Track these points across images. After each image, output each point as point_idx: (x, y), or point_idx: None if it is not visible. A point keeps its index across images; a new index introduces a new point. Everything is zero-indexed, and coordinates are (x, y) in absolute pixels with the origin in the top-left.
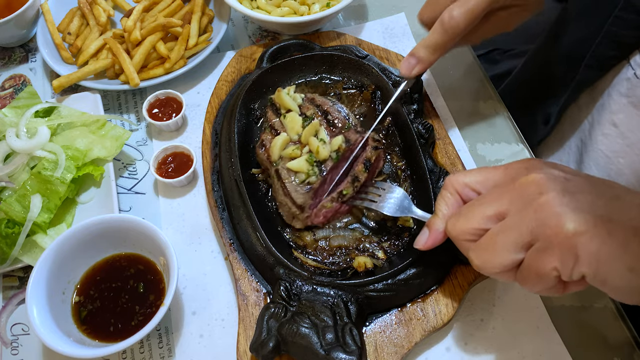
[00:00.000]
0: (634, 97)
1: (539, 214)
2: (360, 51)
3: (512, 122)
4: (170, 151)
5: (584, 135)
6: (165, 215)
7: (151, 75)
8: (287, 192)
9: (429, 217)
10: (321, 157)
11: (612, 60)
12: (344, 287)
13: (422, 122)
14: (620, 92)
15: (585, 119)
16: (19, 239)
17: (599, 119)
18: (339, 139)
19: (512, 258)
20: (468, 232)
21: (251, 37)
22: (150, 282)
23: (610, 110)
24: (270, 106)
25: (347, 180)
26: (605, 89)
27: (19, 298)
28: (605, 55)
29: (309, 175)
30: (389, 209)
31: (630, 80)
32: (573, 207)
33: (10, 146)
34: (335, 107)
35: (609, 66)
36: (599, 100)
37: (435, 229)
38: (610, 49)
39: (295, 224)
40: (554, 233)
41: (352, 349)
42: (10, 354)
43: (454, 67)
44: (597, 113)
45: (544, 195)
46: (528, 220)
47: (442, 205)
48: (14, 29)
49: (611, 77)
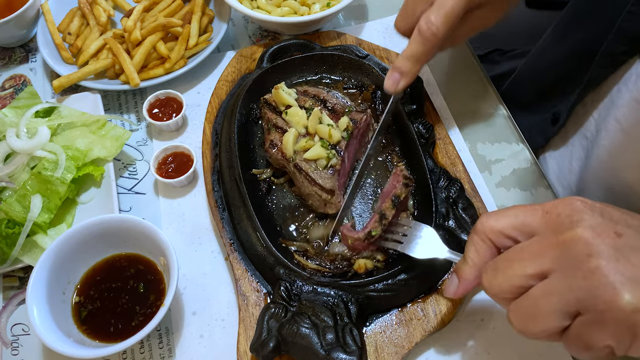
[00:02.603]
0: (638, 92)
1: (589, 282)
2: (360, 51)
3: (513, 122)
4: (171, 151)
5: (589, 133)
6: (166, 215)
7: (151, 75)
8: (313, 180)
9: (458, 262)
10: (334, 139)
11: (623, 56)
12: (344, 287)
13: (422, 122)
14: (628, 87)
15: (590, 116)
16: (19, 239)
17: (605, 116)
18: (344, 119)
19: (557, 325)
20: (507, 290)
21: (251, 37)
22: (150, 282)
23: (616, 106)
24: (266, 106)
25: (374, 219)
26: (614, 86)
27: (19, 298)
28: (617, 51)
29: (329, 159)
30: (418, 251)
31: (639, 75)
32: (629, 276)
33: (11, 146)
34: (330, 94)
35: (620, 62)
36: (605, 96)
37: (464, 279)
38: (622, 45)
39: (328, 210)
40: (608, 308)
41: (352, 349)
42: (10, 354)
43: (454, 67)
44: (603, 110)
45: (593, 258)
46: (576, 288)
47: (472, 253)
48: (14, 29)
49: (621, 73)
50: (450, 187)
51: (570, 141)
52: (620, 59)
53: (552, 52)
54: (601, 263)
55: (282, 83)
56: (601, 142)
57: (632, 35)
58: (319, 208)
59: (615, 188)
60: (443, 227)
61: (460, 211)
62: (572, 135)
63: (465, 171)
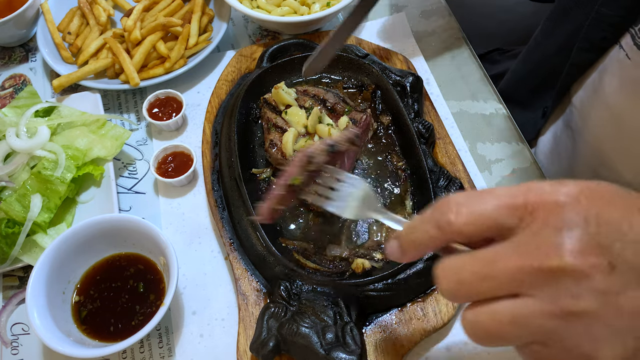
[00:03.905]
0: (625, 78)
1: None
2: (360, 50)
3: (513, 121)
4: (170, 151)
5: (574, 123)
6: (165, 215)
7: (151, 75)
8: None
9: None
10: None
11: (603, 42)
12: (344, 287)
13: (422, 122)
14: (613, 73)
15: (574, 107)
16: (19, 239)
17: (591, 104)
18: (344, 119)
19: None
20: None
21: (251, 36)
22: (150, 281)
23: (602, 93)
24: (266, 106)
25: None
26: (597, 72)
27: (19, 298)
28: (597, 36)
29: None
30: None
31: (622, 62)
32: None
33: (11, 146)
34: (329, 93)
35: (601, 49)
36: (590, 85)
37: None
38: (601, 30)
39: None
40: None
41: (352, 348)
42: (10, 354)
43: (454, 67)
44: (587, 99)
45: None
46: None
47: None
48: (14, 29)
49: (603, 60)
50: (450, 186)
51: (556, 132)
52: (601, 46)
53: (543, 48)
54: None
55: (282, 83)
56: (588, 130)
57: (609, 20)
58: (318, 207)
59: (603, 176)
60: None
61: None
62: (558, 126)
63: (465, 171)
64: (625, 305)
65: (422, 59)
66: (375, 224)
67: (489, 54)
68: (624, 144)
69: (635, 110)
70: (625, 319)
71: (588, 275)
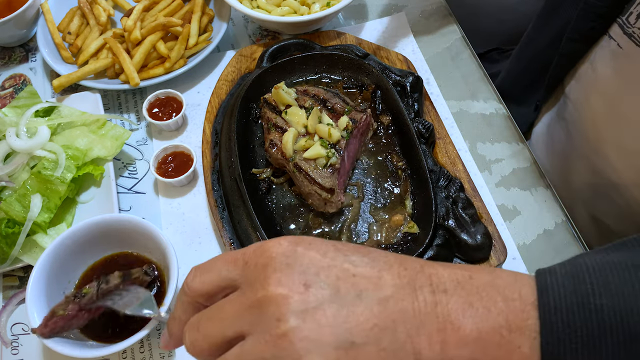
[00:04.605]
0: (619, 67)
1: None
2: (360, 51)
3: (513, 121)
4: (170, 151)
5: (567, 114)
6: (165, 215)
7: (151, 75)
8: (313, 179)
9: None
10: (334, 139)
11: (591, 33)
12: None
13: (422, 122)
14: (606, 64)
15: (567, 98)
16: (19, 239)
17: (583, 95)
18: (344, 118)
19: None
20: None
21: (251, 36)
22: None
23: (595, 83)
24: (266, 106)
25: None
26: (589, 63)
27: (19, 298)
28: (585, 27)
29: (329, 158)
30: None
31: (615, 51)
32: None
33: (10, 146)
34: (330, 93)
35: (590, 39)
36: (582, 75)
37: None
38: (589, 20)
39: (328, 209)
40: None
41: None
42: (10, 354)
43: (454, 67)
44: (580, 89)
45: (282, 323)
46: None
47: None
48: (14, 29)
49: (594, 50)
50: (450, 186)
51: (550, 124)
52: (589, 36)
53: (535, 44)
54: (288, 329)
55: (282, 83)
56: (582, 120)
57: (597, 11)
58: (319, 207)
59: (598, 166)
60: (443, 227)
61: (460, 211)
62: (551, 117)
63: (465, 171)
64: (322, 319)
65: (422, 59)
66: (376, 224)
67: (488, 53)
68: (618, 132)
69: (630, 98)
70: (325, 332)
71: (286, 297)
